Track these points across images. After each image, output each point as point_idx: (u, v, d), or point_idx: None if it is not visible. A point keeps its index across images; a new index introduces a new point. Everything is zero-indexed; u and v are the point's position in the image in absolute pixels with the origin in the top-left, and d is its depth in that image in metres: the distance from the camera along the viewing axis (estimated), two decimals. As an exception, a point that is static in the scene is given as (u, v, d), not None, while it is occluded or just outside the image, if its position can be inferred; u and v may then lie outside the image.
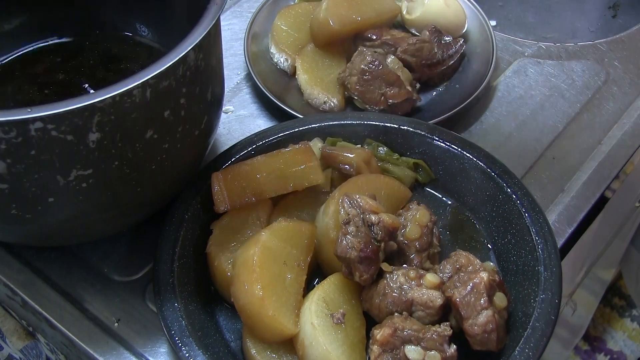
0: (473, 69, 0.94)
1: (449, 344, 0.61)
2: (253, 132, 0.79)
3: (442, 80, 0.94)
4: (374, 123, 0.80)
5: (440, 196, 0.80)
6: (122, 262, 0.74)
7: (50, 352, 0.82)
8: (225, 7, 0.75)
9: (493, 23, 1.09)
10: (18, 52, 0.84)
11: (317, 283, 0.68)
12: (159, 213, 0.71)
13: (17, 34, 0.84)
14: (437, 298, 0.63)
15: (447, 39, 0.93)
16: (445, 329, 0.61)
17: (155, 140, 0.61)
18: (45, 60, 0.83)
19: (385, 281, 0.64)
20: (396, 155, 0.80)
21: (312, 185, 0.73)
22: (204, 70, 0.65)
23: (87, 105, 0.53)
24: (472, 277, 0.63)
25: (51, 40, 0.85)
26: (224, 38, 0.73)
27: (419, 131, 0.79)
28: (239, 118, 0.91)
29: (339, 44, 0.94)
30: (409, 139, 0.79)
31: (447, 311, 0.65)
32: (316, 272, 0.71)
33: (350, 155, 0.75)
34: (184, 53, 0.58)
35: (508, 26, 1.16)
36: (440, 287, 0.64)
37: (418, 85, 0.92)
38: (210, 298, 0.70)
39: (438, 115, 0.86)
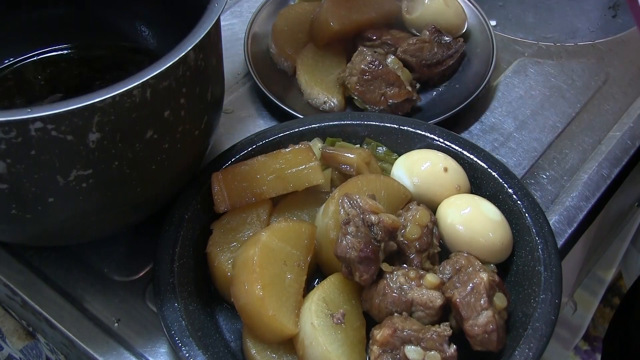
0: (473, 69, 0.94)
1: (449, 344, 0.61)
2: (253, 132, 0.79)
3: (442, 80, 0.94)
4: (374, 123, 0.80)
5: (440, 196, 0.79)
6: (122, 262, 0.74)
7: (50, 352, 0.82)
8: (225, 7, 0.75)
9: (493, 23, 1.09)
10: (19, 58, 0.84)
11: (317, 283, 0.68)
12: (159, 213, 0.71)
13: (18, 37, 0.84)
14: (437, 298, 0.63)
15: (447, 39, 0.93)
16: (445, 329, 0.61)
17: (155, 140, 0.61)
18: (44, 64, 0.84)
19: (385, 281, 0.64)
20: (396, 155, 0.79)
21: (312, 186, 0.73)
22: (204, 70, 0.65)
23: (87, 105, 0.53)
24: (472, 277, 0.63)
25: (52, 46, 0.85)
26: (224, 38, 0.73)
27: (419, 131, 0.79)
28: (239, 118, 0.90)
29: (339, 44, 0.93)
30: (409, 139, 0.79)
31: (447, 311, 0.65)
32: (316, 272, 0.71)
33: (350, 156, 0.75)
34: (184, 53, 0.57)
35: (508, 26, 1.15)
36: (440, 287, 0.64)
37: (418, 85, 0.92)
38: (210, 298, 0.70)
39: (438, 115, 0.86)
